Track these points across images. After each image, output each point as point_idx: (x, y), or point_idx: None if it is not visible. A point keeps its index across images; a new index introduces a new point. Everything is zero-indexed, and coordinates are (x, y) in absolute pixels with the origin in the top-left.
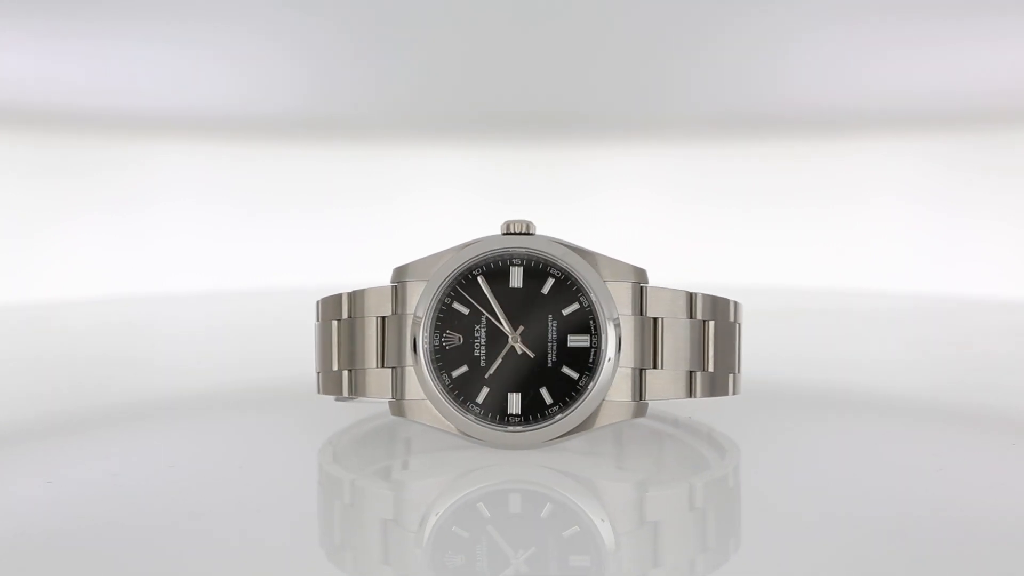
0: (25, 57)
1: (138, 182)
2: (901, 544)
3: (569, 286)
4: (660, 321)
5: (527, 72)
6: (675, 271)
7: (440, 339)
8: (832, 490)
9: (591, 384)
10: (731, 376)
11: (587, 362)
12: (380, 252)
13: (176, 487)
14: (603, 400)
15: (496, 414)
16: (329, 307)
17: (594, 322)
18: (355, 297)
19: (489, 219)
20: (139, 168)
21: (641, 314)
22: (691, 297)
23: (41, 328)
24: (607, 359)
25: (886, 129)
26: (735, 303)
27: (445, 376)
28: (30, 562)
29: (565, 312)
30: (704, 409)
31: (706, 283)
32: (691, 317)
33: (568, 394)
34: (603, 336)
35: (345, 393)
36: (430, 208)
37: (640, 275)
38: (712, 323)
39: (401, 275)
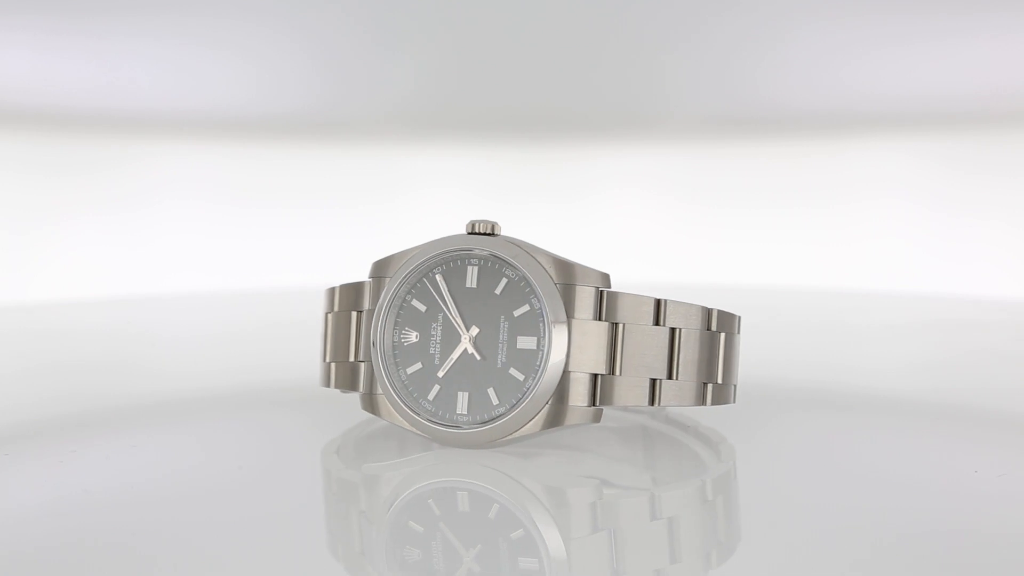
0: (25, 57)
1: (138, 182)
2: (893, 542)
3: (522, 288)
4: (622, 326)
5: (527, 72)
6: (675, 271)
7: (399, 335)
8: (822, 489)
9: (535, 386)
10: (708, 386)
11: (535, 364)
12: (381, 251)
13: (177, 487)
14: (548, 403)
15: (445, 412)
16: (325, 300)
17: (543, 324)
18: (341, 291)
19: (489, 219)
20: (139, 168)
21: (601, 319)
22: (658, 303)
23: (41, 328)
24: (552, 362)
25: (886, 129)
26: (714, 311)
27: (402, 372)
28: (30, 562)
29: (516, 313)
30: (706, 412)
31: (706, 283)
32: (658, 323)
33: (514, 395)
34: (549, 339)
35: (330, 385)
36: (430, 207)
37: (603, 280)
38: (682, 330)
39: (378, 270)
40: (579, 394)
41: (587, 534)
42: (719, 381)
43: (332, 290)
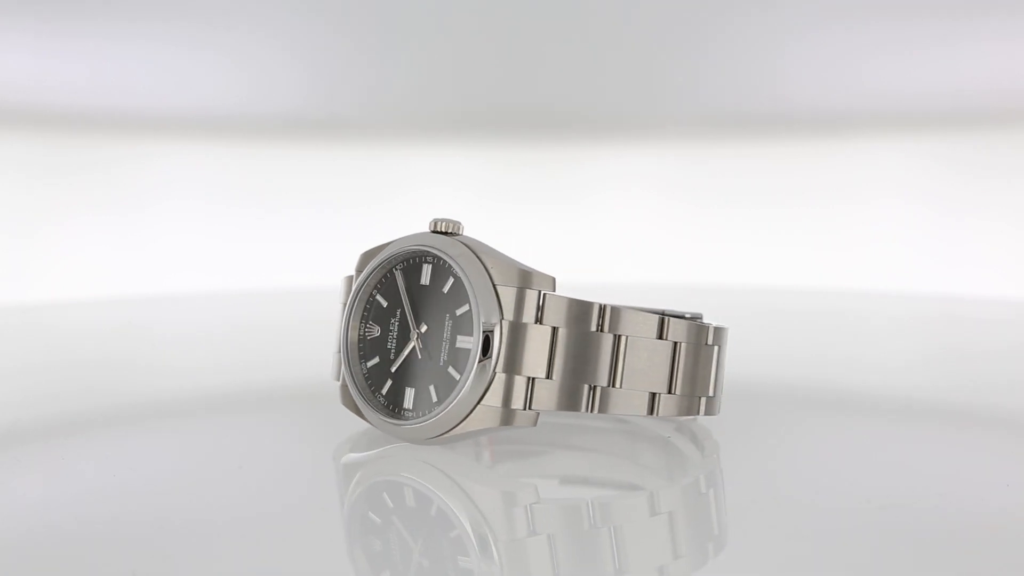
0: (25, 57)
1: (138, 182)
2: (882, 539)
3: (465, 288)
4: (556, 331)
5: (528, 73)
6: (675, 271)
7: (364, 329)
8: (816, 487)
9: (464, 386)
10: (653, 396)
11: (468, 364)
12: None
13: (176, 488)
14: (479, 403)
15: (395, 406)
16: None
17: (476, 325)
18: (344, 283)
19: (489, 219)
20: (139, 168)
21: (541, 322)
22: (597, 308)
23: (41, 328)
24: (476, 362)
25: (886, 129)
26: (667, 319)
27: (363, 365)
28: (31, 562)
29: (458, 313)
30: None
31: (706, 283)
32: (599, 329)
33: (449, 394)
34: (479, 340)
35: (337, 378)
36: (430, 207)
37: (547, 283)
38: (625, 337)
39: (360, 263)
40: (508, 396)
41: (522, 537)
42: (673, 392)
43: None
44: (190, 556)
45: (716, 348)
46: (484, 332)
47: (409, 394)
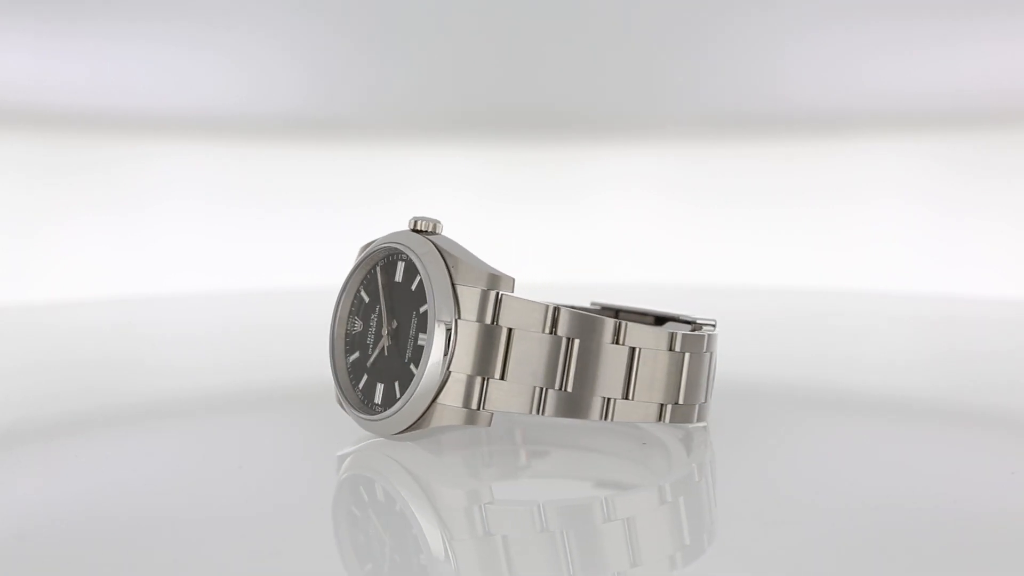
0: (25, 57)
1: (138, 182)
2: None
3: (425, 286)
4: (511, 332)
5: (528, 73)
6: (675, 271)
7: (351, 324)
8: (812, 486)
9: (418, 384)
10: (608, 401)
11: (422, 361)
12: None
13: (176, 488)
14: (433, 400)
15: (368, 401)
16: None
17: (430, 323)
18: None
19: (489, 219)
20: (139, 168)
21: (494, 322)
22: (552, 311)
23: (42, 328)
24: (432, 360)
25: (886, 129)
26: (623, 324)
27: (346, 360)
28: (31, 561)
29: (421, 310)
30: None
31: (706, 283)
32: (550, 332)
33: (407, 390)
34: (431, 337)
35: None
36: (430, 208)
37: (503, 283)
38: (577, 341)
39: (358, 256)
40: (460, 395)
41: (467, 537)
42: (619, 396)
43: None
44: (190, 556)
45: (687, 355)
46: (439, 330)
47: (379, 389)
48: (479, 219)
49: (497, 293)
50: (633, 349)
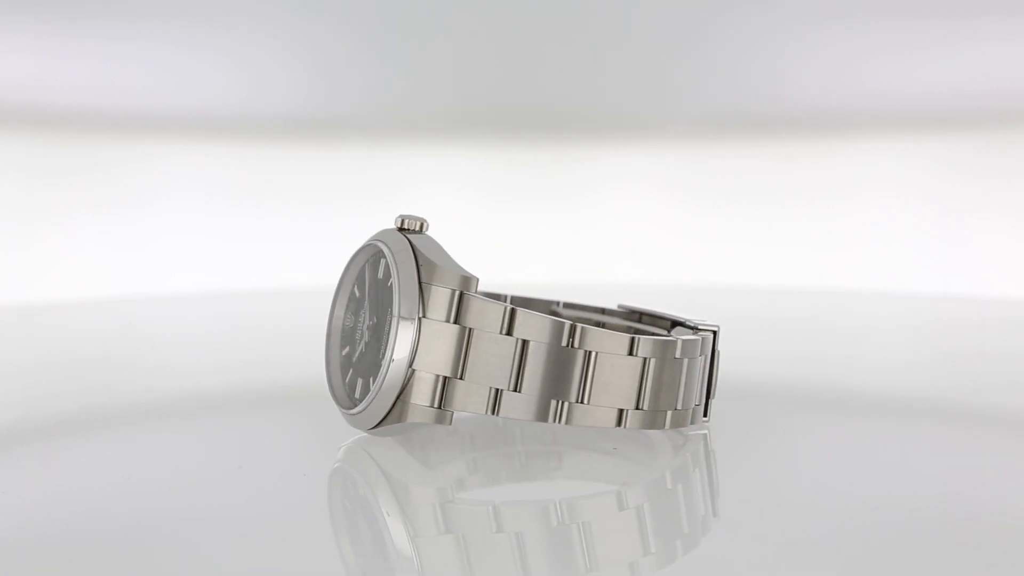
0: (25, 57)
1: (138, 182)
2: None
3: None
4: (471, 332)
5: (528, 73)
6: (675, 271)
7: (346, 319)
8: (809, 486)
9: (383, 381)
10: (562, 404)
11: (385, 358)
12: None
13: (175, 488)
14: (398, 397)
15: (351, 395)
16: None
17: (395, 321)
18: None
19: (489, 219)
20: (139, 168)
21: (454, 322)
22: (510, 313)
23: (42, 328)
24: (395, 358)
25: (886, 129)
26: (567, 326)
27: (340, 354)
28: (30, 562)
29: (392, 307)
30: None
31: (706, 283)
32: (507, 333)
33: (374, 386)
34: (395, 335)
35: None
36: (430, 208)
37: (467, 283)
38: (531, 343)
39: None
40: (422, 393)
41: (432, 535)
42: (574, 400)
43: None
44: (190, 556)
45: (643, 361)
46: (403, 327)
47: (360, 384)
48: (479, 219)
49: (457, 292)
50: (588, 352)
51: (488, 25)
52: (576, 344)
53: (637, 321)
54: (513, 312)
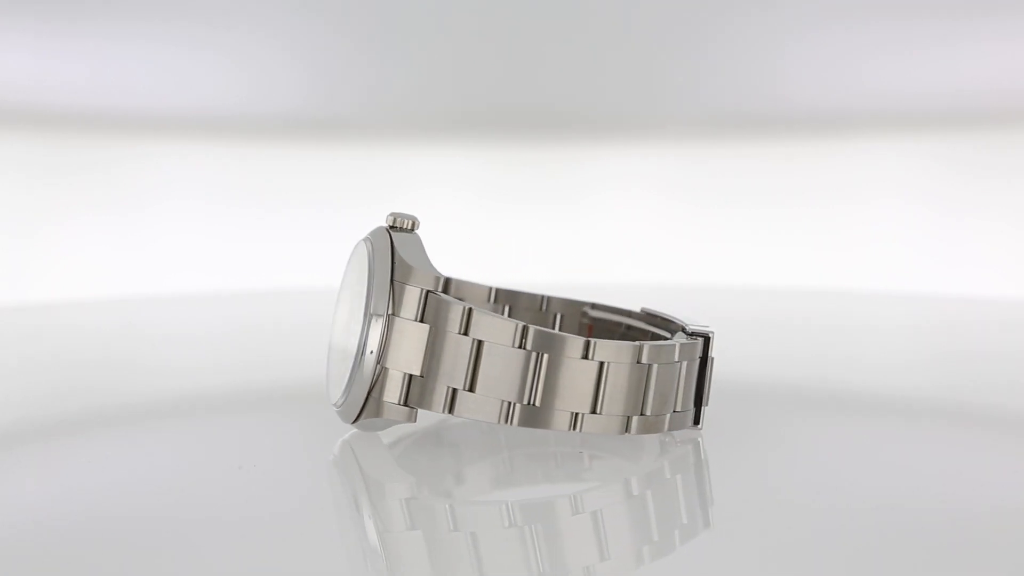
0: (25, 57)
1: (138, 183)
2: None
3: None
4: (431, 330)
5: (528, 73)
6: (675, 272)
7: (341, 313)
8: (806, 486)
9: (356, 377)
10: (507, 404)
11: (356, 354)
12: None
13: (175, 487)
14: (369, 393)
15: (338, 389)
16: None
17: (365, 318)
18: None
19: (489, 219)
20: (139, 169)
21: (420, 320)
22: (465, 312)
23: (42, 328)
24: (365, 354)
25: (886, 129)
26: (531, 330)
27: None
28: (29, 562)
29: (366, 305)
30: (707, 411)
31: (706, 283)
32: (462, 332)
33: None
34: (366, 332)
35: None
36: (430, 208)
37: (437, 283)
38: (486, 344)
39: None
40: (392, 391)
41: (400, 531)
42: (528, 402)
43: None
44: (190, 556)
45: (599, 364)
46: (373, 324)
47: (346, 379)
48: (479, 219)
49: (423, 291)
50: (530, 353)
51: (488, 25)
52: (528, 346)
53: (656, 326)
54: (470, 312)
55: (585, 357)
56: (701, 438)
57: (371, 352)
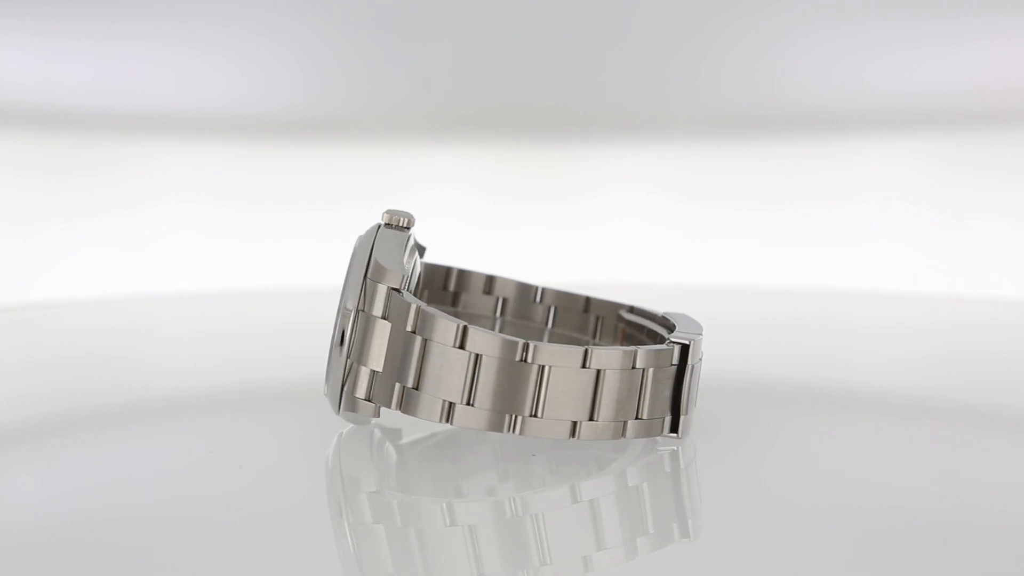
0: (25, 57)
1: (138, 183)
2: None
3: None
4: (393, 328)
5: (528, 73)
6: (675, 272)
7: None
8: (804, 486)
9: (331, 371)
10: (446, 404)
11: (333, 349)
12: None
13: (175, 487)
14: (342, 388)
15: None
16: None
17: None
18: None
19: (489, 219)
20: (139, 169)
21: (385, 318)
22: (415, 310)
23: (42, 328)
24: (335, 348)
25: (886, 129)
26: (467, 328)
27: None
28: (28, 562)
29: (342, 301)
30: (704, 410)
31: (706, 283)
32: (412, 331)
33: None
34: (338, 326)
35: None
36: (430, 207)
37: (401, 282)
38: (430, 343)
39: None
40: (361, 386)
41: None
42: (464, 401)
43: None
44: (190, 556)
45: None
46: (340, 319)
47: (327, 372)
48: (479, 219)
49: (390, 290)
50: (471, 354)
51: (488, 25)
52: (464, 345)
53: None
54: (418, 310)
55: (521, 361)
56: (680, 446)
57: (344, 347)
